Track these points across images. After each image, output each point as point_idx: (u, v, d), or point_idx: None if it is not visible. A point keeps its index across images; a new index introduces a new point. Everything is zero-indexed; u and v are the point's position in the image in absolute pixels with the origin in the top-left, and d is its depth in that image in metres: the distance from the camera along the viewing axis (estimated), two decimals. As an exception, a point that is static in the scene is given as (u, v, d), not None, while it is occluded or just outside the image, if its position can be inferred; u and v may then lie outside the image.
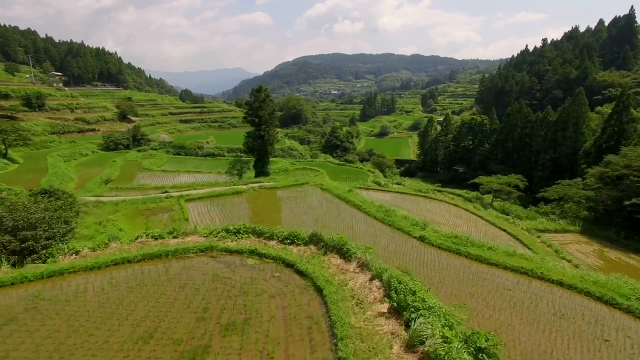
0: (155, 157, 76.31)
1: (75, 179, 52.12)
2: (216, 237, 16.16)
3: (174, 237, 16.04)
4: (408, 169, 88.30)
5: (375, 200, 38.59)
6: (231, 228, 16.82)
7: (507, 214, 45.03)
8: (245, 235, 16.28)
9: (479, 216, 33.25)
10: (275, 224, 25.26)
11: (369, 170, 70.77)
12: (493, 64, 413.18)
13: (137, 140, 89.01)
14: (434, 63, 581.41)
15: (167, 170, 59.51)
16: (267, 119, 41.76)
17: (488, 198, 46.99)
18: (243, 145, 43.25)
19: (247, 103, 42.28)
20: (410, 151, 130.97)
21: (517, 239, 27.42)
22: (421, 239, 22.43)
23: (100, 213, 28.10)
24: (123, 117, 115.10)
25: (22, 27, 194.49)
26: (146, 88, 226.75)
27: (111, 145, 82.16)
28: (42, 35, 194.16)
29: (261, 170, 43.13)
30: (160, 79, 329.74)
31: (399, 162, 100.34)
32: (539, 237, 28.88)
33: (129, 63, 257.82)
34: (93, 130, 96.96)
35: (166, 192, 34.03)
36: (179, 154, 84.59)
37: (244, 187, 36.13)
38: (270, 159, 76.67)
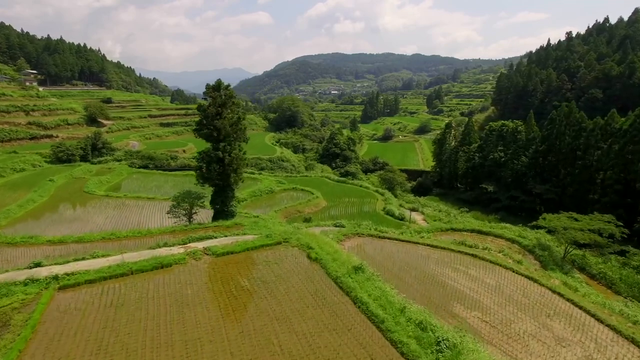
0: (113, 172, 62.05)
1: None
2: None
3: None
4: (421, 184, 73.68)
5: (396, 262, 24.20)
6: None
7: (586, 270, 30.68)
8: None
9: (588, 313, 18.76)
10: None
11: (376, 191, 56.22)
12: (496, 64, 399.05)
13: (97, 149, 74.51)
14: (434, 63, 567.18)
15: (112, 196, 45.07)
16: (230, 132, 27.30)
17: (555, 245, 32.43)
18: (195, 170, 28.75)
19: (200, 108, 27.92)
20: (419, 158, 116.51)
21: None
22: None
23: None
24: (92, 120, 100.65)
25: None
26: (135, 88, 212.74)
27: (62, 157, 67.65)
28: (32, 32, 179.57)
29: (222, 209, 28.69)
30: (154, 78, 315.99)
31: (409, 173, 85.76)
32: None
33: (118, 62, 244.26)
34: (50, 136, 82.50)
35: (37, 265, 19.56)
36: (146, 167, 70.23)
37: (181, 250, 21.65)
38: (254, 176, 62.25)
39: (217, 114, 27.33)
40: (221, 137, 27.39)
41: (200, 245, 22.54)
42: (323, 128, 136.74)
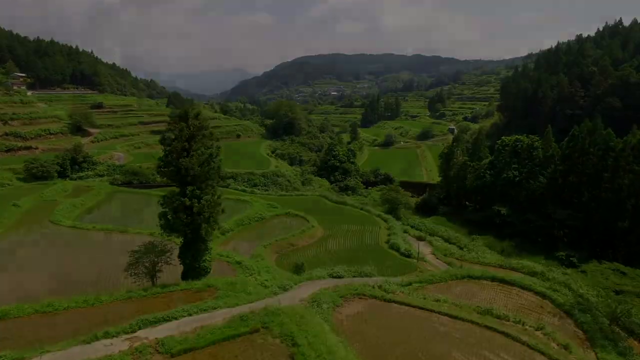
0: (90, 193, 56.72)
1: None
2: None
3: None
4: (426, 202, 68.17)
5: (407, 349, 18.84)
6: None
7: (635, 333, 25.32)
8: None
9: None
10: None
11: (378, 216, 50.84)
12: (497, 64, 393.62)
13: (77, 163, 69.11)
14: (435, 63, 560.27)
15: (79, 227, 39.68)
16: (200, 174, 21.93)
17: (591, 294, 27.13)
18: (159, 217, 23.35)
19: (163, 141, 22.66)
20: (423, 168, 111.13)
21: None
22: None
23: None
24: (77, 129, 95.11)
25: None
26: (131, 91, 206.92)
27: (37, 173, 62.21)
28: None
29: (192, 265, 23.38)
30: (151, 80, 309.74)
31: (412, 187, 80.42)
32: None
33: (113, 64, 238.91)
34: (29, 148, 77.17)
35: None
36: (129, 183, 65.07)
37: (124, 346, 16.36)
38: (244, 197, 56.41)
39: (183, 149, 21.97)
40: (189, 179, 22.03)
41: (152, 334, 17.17)
42: (322, 134, 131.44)
